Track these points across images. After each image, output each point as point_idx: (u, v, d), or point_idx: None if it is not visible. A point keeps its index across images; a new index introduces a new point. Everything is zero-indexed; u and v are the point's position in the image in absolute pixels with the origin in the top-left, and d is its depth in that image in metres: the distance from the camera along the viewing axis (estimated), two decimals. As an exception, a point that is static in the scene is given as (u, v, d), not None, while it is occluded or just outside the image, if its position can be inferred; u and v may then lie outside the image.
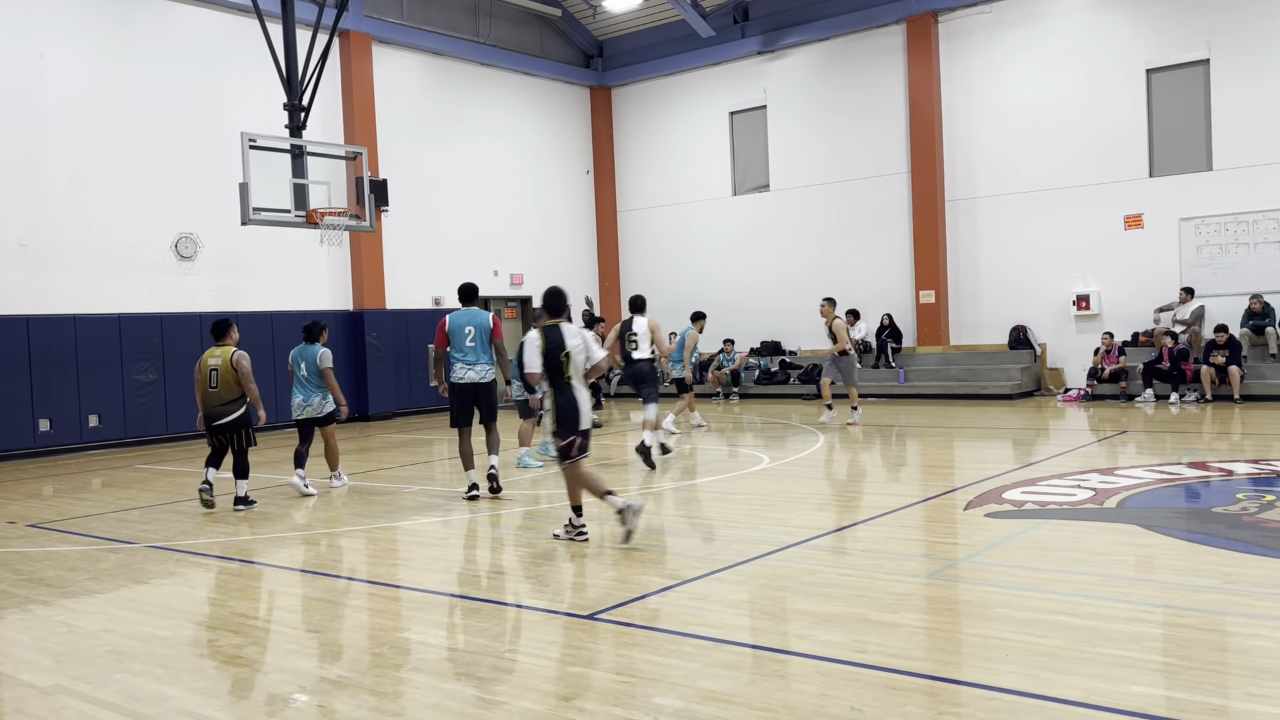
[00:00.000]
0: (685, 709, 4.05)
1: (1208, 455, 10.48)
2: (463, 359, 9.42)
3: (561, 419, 7.14)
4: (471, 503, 9.26)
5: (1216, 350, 15.92)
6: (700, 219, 22.73)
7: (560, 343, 7.11)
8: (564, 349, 7.10)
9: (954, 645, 4.80)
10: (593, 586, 6.19)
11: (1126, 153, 17.59)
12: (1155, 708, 3.88)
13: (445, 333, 9.47)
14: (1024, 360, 18.49)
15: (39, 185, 14.99)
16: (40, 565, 7.36)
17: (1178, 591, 5.48)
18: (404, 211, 19.54)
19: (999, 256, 19.06)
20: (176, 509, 9.70)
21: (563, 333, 7.14)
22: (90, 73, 15.59)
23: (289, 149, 13.14)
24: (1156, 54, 17.30)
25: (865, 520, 7.73)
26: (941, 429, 14.10)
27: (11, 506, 10.31)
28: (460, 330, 9.44)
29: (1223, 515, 7.37)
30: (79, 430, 15.09)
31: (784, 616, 5.40)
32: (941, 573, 6.14)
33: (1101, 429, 13.33)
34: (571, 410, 7.12)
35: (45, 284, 15.00)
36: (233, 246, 16.86)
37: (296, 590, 6.43)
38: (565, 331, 7.16)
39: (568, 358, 7.10)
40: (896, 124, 19.93)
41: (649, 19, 22.80)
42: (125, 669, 4.91)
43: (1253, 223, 16.61)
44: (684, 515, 8.67)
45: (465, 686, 4.45)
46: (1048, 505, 7.99)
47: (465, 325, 9.45)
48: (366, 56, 18.96)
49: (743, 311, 21.78)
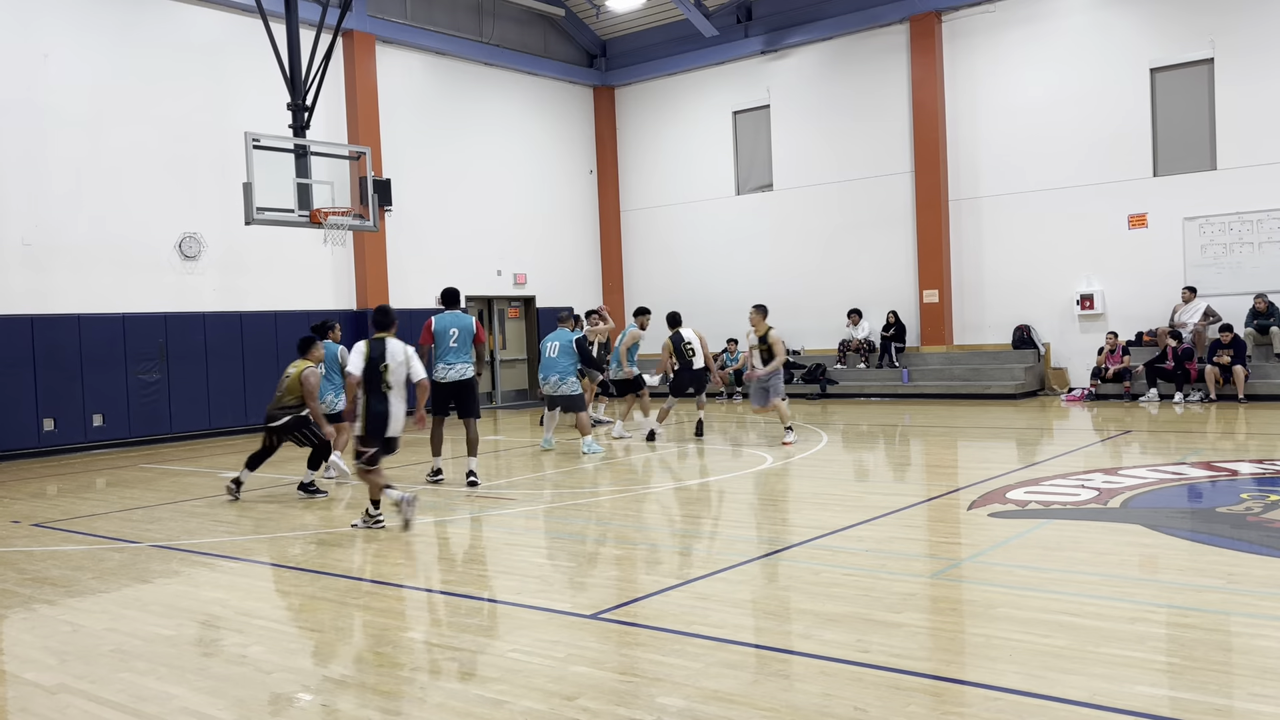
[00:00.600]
0: (688, 708, 4.05)
1: (1212, 455, 10.46)
2: (445, 359, 10.10)
3: (369, 425, 7.83)
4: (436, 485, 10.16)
5: (1221, 350, 15.89)
6: (703, 219, 22.72)
7: (383, 355, 7.86)
8: (384, 361, 7.83)
9: (958, 645, 4.79)
10: (595, 586, 6.19)
11: (1130, 152, 17.56)
12: (1159, 708, 3.87)
13: (431, 333, 10.16)
14: (1028, 360, 18.47)
15: (43, 185, 15.01)
16: (44, 564, 7.37)
17: (1182, 591, 5.48)
18: (407, 211, 19.55)
19: (1003, 256, 19.04)
20: (180, 508, 9.71)
21: (386, 346, 7.91)
22: (94, 73, 15.61)
23: (293, 149, 13.16)
24: (1161, 53, 17.27)
25: (869, 520, 7.72)
26: (945, 429, 14.09)
27: (16, 506, 10.33)
28: (445, 332, 10.10)
29: (1227, 515, 7.36)
30: (83, 430, 15.11)
31: (787, 616, 5.40)
32: (945, 573, 6.13)
33: (1105, 429, 13.32)
34: (381, 419, 7.83)
35: (49, 284, 15.02)
36: (236, 246, 16.88)
37: (300, 589, 6.44)
38: (390, 346, 7.92)
39: (386, 369, 7.83)
40: (900, 123, 19.92)
41: (652, 18, 22.79)
42: (129, 668, 4.91)
43: (1257, 222, 16.58)
44: (687, 514, 8.68)
45: (469, 686, 4.45)
46: (1051, 505, 7.98)
47: (450, 328, 10.10)
48: (370, 56, 18.97)
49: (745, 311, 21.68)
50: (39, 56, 15.03)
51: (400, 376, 7.93)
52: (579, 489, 9.94)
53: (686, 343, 13.51)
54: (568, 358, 12.53)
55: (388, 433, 7.86)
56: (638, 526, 8.18)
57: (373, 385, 7.83)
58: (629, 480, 10.57)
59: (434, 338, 10.13)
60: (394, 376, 7.88)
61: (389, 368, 7.84)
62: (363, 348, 7.91)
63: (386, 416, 7.82)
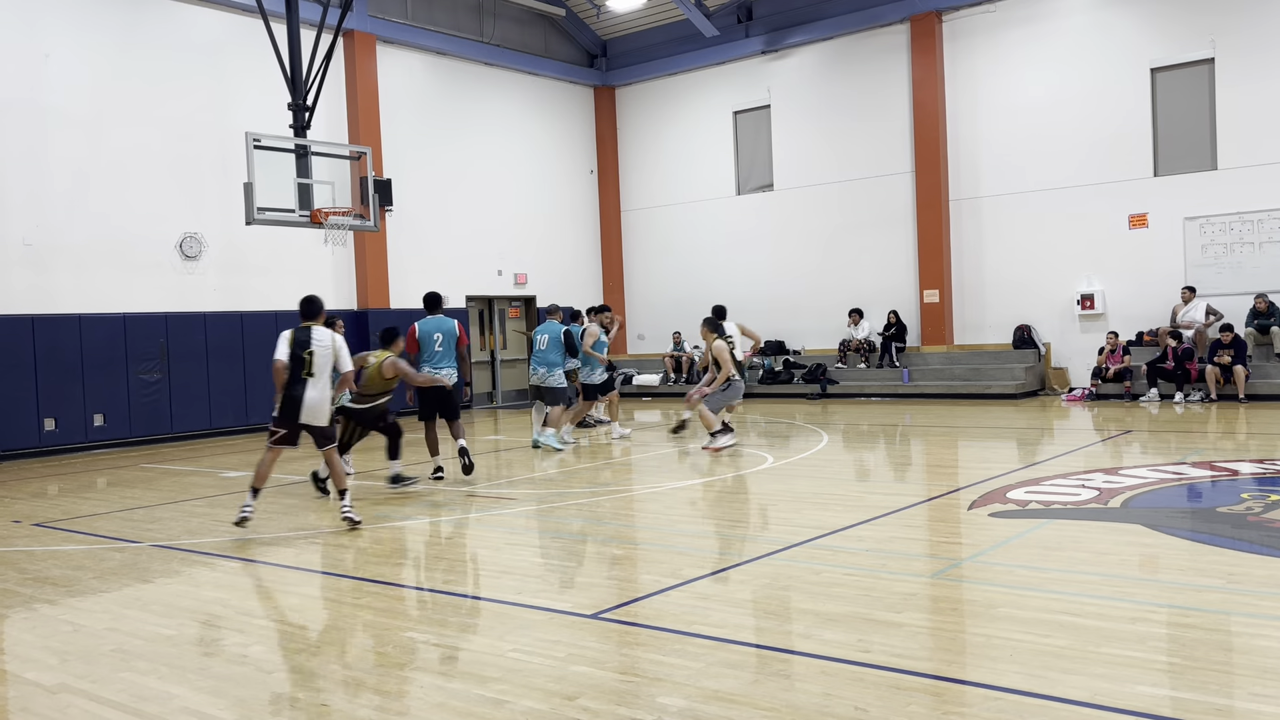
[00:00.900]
0: (689, 708, 4.05)
1: (1212, 455, 10.46)
2: (430, 363, 10.37)
3: (283, 409, 8.09)
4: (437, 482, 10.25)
5: (1221, 350, 15.89)
6: (704, 219, 22.72)
7: (307, 342, 8.13)
8: (309, 348, 8.10)
9: (958, 645, 4.79)
10: (596, 586, 6.20)
11: (1131, 152, 17.56)
12: (1160, 708, 3.87)
13: (415, 339, 10.40)
14: (1028, 360, 18.47)
15: (44, 185, 15.02)
16: (45, 564, 7.38)
17: (1182, 591, 5.48)
18: (408, 211, 19.55)
19: (1003, 256, 19.04)
20: (181, 508, 9.71)
21: (311, 335, 8.19)
22: (95, 73, 15.62)
23: (293, 149, 13.17)
24: (1161, 53, 17.27)
25: (869, 520, 7.72)
26: (945, 428, 14.09)
27: (17, 505, 10.34)
28: (429, 337, 10.38)
29: (1227, 515, 7.36)
30: (84, 429, 15.12)
31: (788, 616, 5.40)
32: (945, 572, 6.13)
33: (1106, 429, 13.31)
34: (295, 404, 8.06)
35: (50, 284, 15.03)
36: (237, 246, 16.89)
37: (300, 589, 6.44)
38: (314, 334, 8.20)
39: (310, 356, 8.08)
40: (900, 123, 19.92)
41: (653, 18, 22.80)
42: (130, 668, 4.92)
43: (1258, 222, 16.58)
44: (688, 514, 8.68)
45: (469, 686, 4.46)
46: (1052, 505, 7.98)
47: (434, 332, 10.38)
48: (371, 56, 18.98)
49: (746, 311, 21.69)
50: (40, 56, 15.04)
51: (325, 364, 8.16)
52: (579, 489, 9.94)
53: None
54: (556, 351, 12.73)
55: (301, 418, 8.07)
56: (638, 526, 8.18)
57: (295, 371, 8.07)
58: (629, 480, 10.58)
59: (419, 344, 10.38)
60: (318, 364, 8.10)
61: (314, 354, 8.08)
62: (287, 335, 8.18)
63: (300, 402, 8.04)
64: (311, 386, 8.09)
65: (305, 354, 8.09)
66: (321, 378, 8.15)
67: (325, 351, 8.17)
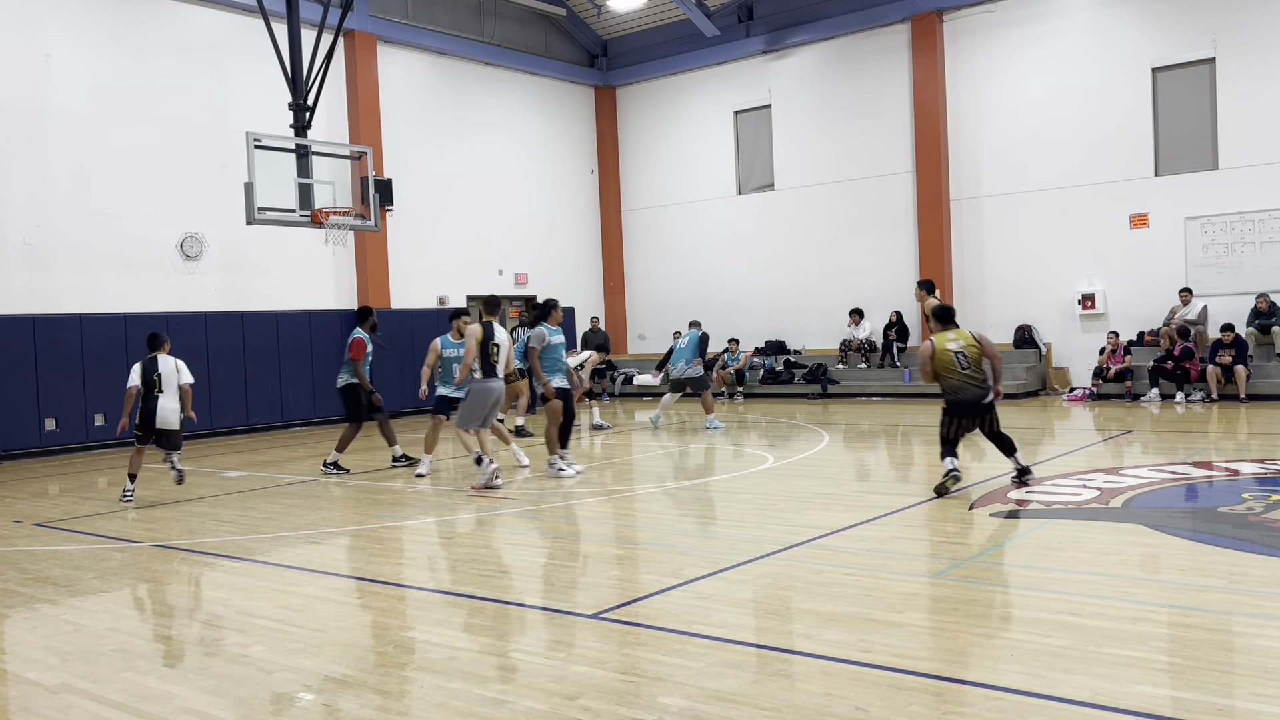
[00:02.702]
0: (690, 708, 4.05)
1: (1213, 455, 10.46)
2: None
3: (142, 420, 9.86)
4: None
5: (1223, 349, 15.88)
6: (704, 219, 22.72)
7: (155, 368, 9.89)
8: (157, 371, 9.87)
9: (959, 645, 4.79)
10: (596, 586, 6.19)
11: (1132, 152, 17.55)
12: (1161, 708, 3.87)
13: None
14: (1029, 359, 18.46)
15: (44, 185, 15.02)
16: (46, 564, 7.38)
17: (1183, 591, 5.47)
18: (409, 211, 19.55)
19: (1004, 256, 19.03)
20: (181, 508, 9.72)
21: (159, 363, 9.93)
22: (95, 72, 15.61)
23: (294, 149, 13.15)
24: (1162, 53, 17.26)
25: (870, 519, 7.72)
26: (946, 428, 14.06)
27: (17, 505, 10.34)
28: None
29: (1228, 515, 7.36)
30: (84, 429, 15.12)
31: (789, 616, 5.40)
32: (946, 572, 6.13)
33: (1107, 428, 13.31)
34: (150, 415, 9.84)
35: (51, 283, 15.03)
36: (238, 246, 16.89)
37: (301, 589, 6.44)
38: (162, 363, 9.94)
39: (159, 378, 9.87)
40: (901, 123, 19.91)
41: (653, 18, 22.79)
42: (131, 667, 4.92)
43: (1259, 222, 16.57)
44: (689, 514, 8.68)
45: (470, 685, 4.45)
46: (1053, 505, 7.98)
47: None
48: (371, 56, 18.97)
49: (747, 311, 21.79)
50: (41, 56, 15.04)
51: (172, 383, 9.93)
52: (579, 489, 9.94)
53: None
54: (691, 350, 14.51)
55: (157, 424, 9.86)
56: (638, 526, 8.18)
57: (147, 391, 9.86)
58: (629, 480, 10.58)
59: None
60: (166, 383, 9.91)
61: (161, 376, 9.89)
62: (139, 367, 9.94)
63: (154, 413, 9.85)
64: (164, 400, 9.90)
65: (155, 377, 9.89)
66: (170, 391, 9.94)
67: (171, 373, 9.95)
